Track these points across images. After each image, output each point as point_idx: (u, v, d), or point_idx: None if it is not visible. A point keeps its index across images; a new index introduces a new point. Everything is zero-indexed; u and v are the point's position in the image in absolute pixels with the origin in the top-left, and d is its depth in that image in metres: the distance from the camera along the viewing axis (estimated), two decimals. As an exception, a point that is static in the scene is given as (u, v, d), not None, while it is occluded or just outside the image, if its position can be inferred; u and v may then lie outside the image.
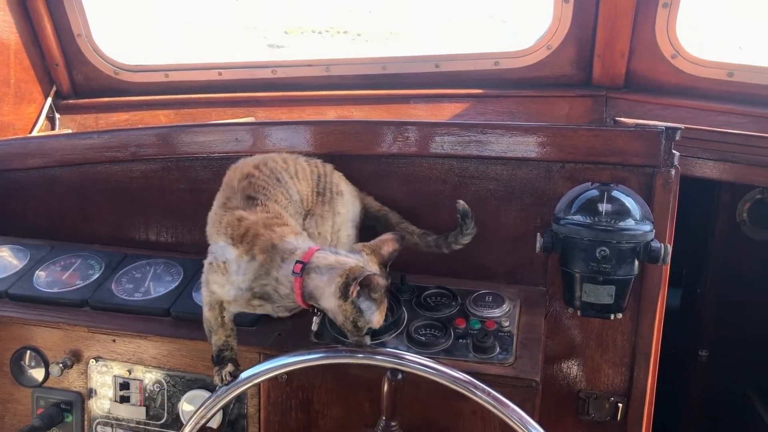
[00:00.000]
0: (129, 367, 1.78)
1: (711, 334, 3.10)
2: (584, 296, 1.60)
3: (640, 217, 1.58)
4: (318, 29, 5.45)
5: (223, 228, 1.53)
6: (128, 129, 2.21)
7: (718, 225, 2.93)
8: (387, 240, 1.52)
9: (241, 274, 1.48)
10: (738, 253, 2.93)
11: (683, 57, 2.35)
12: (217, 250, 1.53)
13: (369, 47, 5.43)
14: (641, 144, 1.73)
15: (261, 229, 1.49)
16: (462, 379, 1.45)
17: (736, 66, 2.35)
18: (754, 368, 2.99)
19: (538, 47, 2.45)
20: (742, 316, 2.92)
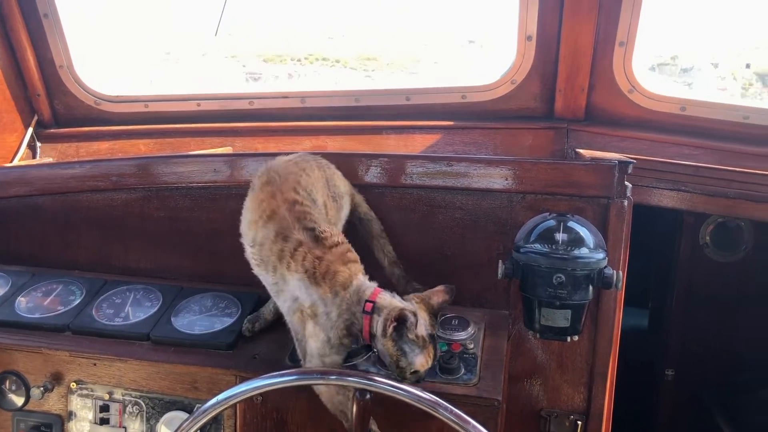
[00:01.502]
0: (109, 390, 1.84)
1: (676, 354, 3.22)
2: (542, 320, 1.70)
3: (593, 245, 1.69)
4: (297, 57, 5.57)
5: (301, 265, 1.56)
6: (109, 159, 2.29)
7: (682, 247, 3.07)
8: (438, 291, 1.59)
9: (330, 310, 1.55)
10: (701, 274, 3.07)
11: (639, 92, 2.50)
12: (300, 295, 1.58)
13: (347, 73, 5.55)
14: (596, 177, 1.85)
15: (340, 267, 1.56)
16: (427, 398, 1.53)
17: (688, 101, 2.50)
18: (718, 386, 3.11)
19: (503, 82, 2.58)
20: (706, 336, 3.04)
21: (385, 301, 1.53)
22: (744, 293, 2.96)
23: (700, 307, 3.07)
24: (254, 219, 1.66)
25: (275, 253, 1.60)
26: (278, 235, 1.61)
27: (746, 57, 6.08)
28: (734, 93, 5.55)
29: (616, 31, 2.38)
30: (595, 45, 2.43)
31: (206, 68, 5.01)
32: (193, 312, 1.94)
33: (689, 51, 4.73)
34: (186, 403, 1.80)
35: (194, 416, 1.59)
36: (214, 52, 5.19)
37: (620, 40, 2.39)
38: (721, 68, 6.01)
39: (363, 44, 5.55)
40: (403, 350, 1.50)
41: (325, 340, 1.57)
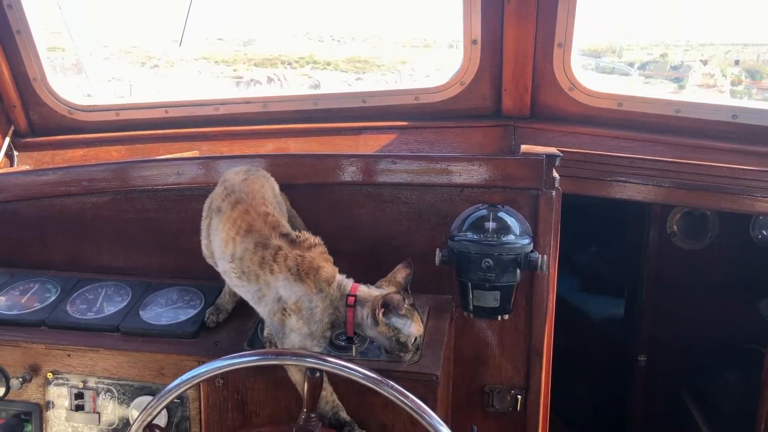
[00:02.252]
0: (83, 379, 1.98)
1: (647, 340, 3.38)
2: (475, 301, 1.87)
3: (519, 232, 1.86)
4: (288, 60, 5.73)
5: (284, 266, 1.67)
6: (80, 165, 2.42)
7: (651, 236, 3.24)
8: (399, 269, 1.76)
9: (316, 305, 1.67)
10: (670, 262, 3.23)
11: (579, 89, 2.66)
12: (285, 293, 1.68)
13: (339, 76, 5.71)
14: (526, 170, 2.02)
15: (322, 263, 1.70)
16: (371, 375, 1.69)
17: (625, 97, 2.67)
18: (687, 370, 3.28)
19: (452, 83, 2.74)
20: (675, 322, 3.21)
21: (364, 293, 1.68)
22: (710, 279, 3.12)
23: (669, 294, 3.23)
24: (230, 236, 1.76)
25: (256, 262, 1.71)
26: (257, 245, 1.71)
27: (734, 54, 6.31)
28: (724, 89, 5.81)
29: (554, 33, 2.54)
30: (535, 47, 2.59)
31: (194, 74, 5.16)
32: (160, 305, 2.10)
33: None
34: (154, 388, 1.95)
35: (159, 396, 1.74)
36: (201, 57, 5.34)
37: (558, 41, 2.56)
38: (711, 65, 6.23)
39: (354, 47, 5.73)
40: (397, 328, 1.66)
41: (307, 333, 1.70)
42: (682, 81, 6.33)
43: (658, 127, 2.65)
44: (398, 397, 1.66)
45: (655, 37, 5.45)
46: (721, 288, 2.99)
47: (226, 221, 1.77)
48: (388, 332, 1.66)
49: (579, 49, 2.64)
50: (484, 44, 2.61)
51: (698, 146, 2.57)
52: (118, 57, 5.00)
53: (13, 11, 2.68)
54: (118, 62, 4.92)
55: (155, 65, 5.39)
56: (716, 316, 2.95)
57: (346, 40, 5.94)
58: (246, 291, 1.79)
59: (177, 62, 5.55)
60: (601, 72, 5.10)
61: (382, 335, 1.67)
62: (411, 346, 1.70)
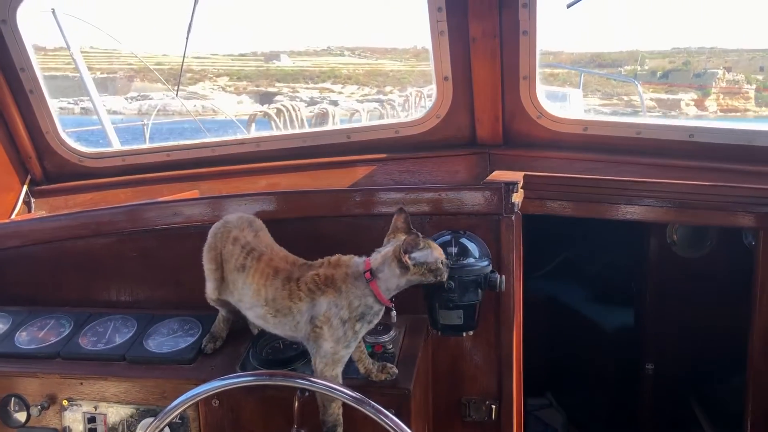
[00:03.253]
0: (95, 404, 2.19)
1: (654, 348, 3.52)
2: (441, 320, 2.05)
3: (479, 255, 2.05)
4: (310, 74, 5.99)
5: (306, 290, 1.88)
6: (89, 210, 2.66)
7: (651, 246, 3.39)
8: (396, 218, 1.94)
9: (342, 308, 1.86)
10: (671, 271, 3.38)
11: (546, 117, 2.85)
12: (314, 312, 1.88)
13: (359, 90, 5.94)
14: (487, 198, 2.22)
15: (333, 271, 1.89)
16: (351, 394, 1.86)
17: (589, 122, 2.86)
18: (694, 377, 3.40)
19: (429, 117, 2.95)
20: (680, 330, 3.34)
21: (377, 260, 1.86)
22: (711, 286, 3.25)
23: (672, 302, 3.37)
24: (261, 284, 1.94)
25: (286, 297, 1.92)
26: (284, 282, 1.92)
27: (759, 60, 6.41)
28: (750, 96, 5.89)
29: (519, 67, 2.74)
30: (502, 80, 2.78)
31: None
32: (162, 334, 2.31)
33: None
34: (158, 410, 2.13)
35: (161, 416, 1.94)
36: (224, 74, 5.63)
37: (523, 74, 2.75)
38: (734, 72, 6.34)
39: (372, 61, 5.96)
40: (424, 262, 1.82)
41: (336, 339, 1.88)
42: (706, 88, 6.39)
43: (621, 149, 2.82)
44: (373, 412, 1.85)
45: (678, 44, 5.58)
46: (722, 295, 3.09)
47: (255, 273, 1.97)
48: (419, 271, 1.82)
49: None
50: (455, 80, 2.81)
51: (659, 164, 2.74)
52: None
53: (26, 73, 2.95)
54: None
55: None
56: (719, 323, 3.04)
57: (366, 53, 6.20)
58: (284, 327, 1.98)
59: (201, 79, 5.84)
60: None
61: (416, 276, 1.84)
62: (443, 268, 1.86)
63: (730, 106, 63.60)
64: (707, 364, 3.33)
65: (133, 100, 33.27)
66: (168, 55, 17.28)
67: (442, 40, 2.72)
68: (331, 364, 1.90)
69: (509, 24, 2.64)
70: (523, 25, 2.62)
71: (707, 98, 63.55)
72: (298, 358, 2.13)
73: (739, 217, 2.52)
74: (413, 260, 1.82)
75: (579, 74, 10.13)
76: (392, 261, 1.83)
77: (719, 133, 2.71)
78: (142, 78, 39.70)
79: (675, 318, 3.36)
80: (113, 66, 35.96)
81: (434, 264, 1.84)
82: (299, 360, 2.13)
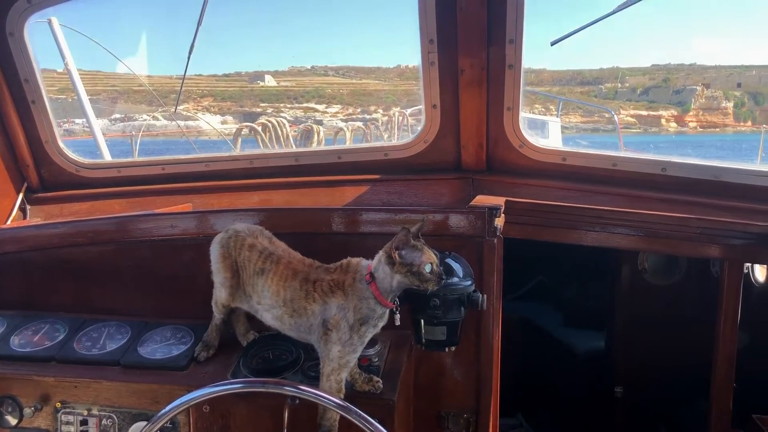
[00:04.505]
0: (88, 407, 2.26)
1: (624, 373, 3.65)
2: (426, 335, 2.17)
3: (463, 275, 2.17)
4: (294, 93, 6.12)
5: (321, 292, 2.00)
6: (85, 219, 2.74)
7: (623, 274, 3.54)
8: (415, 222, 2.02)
9: (348, 310, 1.96)
10: (642, 297, 3.52)
11: (528, 146, 3.00)
12: (327, 314, 1.98)
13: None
14: (471, 221, 2.35)
15: (343, 276, 2.00)
16: (339, 402, 1.97)
17: (568, 152, 3.01)
18: (661, 401, 3.52)
19: (417, 141, 3.08)
20: (650, 355, 3.47)
21: (375, 262, 1.97)
22: (679, 313, 3.40)
23: (642, 327, 3.51)
24: (280, 286, 2.06)
25: (303, 297, 2.04)
26: (302, 283, 2.04)
27: (736, 77, 6.64)
28: (728, 111, 6.14)
29: (503, 99, 2.89)
30: (487, 110, 2.93)
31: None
32: (155, 341, 2.40)
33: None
34: (150, 414, 2.21)
35: (153, 420, 2.03)
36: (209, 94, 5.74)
37: (507, 106, 2.90)
38: (713, 88, 6.58)
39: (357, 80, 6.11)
40: (410, 262, 1.89)
41: (342, 343, 1.98)
42: (685, 104, 6.64)
43: (597, 179, 2.98)
44: (358, 419, 1.96)
45: (658, 61, 5.82)
46: (690, 322, 3.23)
47: (274, 276, 2.08)
48: (404, 269, 1.90)
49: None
50: (443, 108, 2.96)
51: (632, 195, 2.90)
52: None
53: (29, 84, 3.04)
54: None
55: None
56: (687, 349, 3.16)
57: (351, 73, 6.36)
58: (299, 328, 2.08)
59: (185, 100, 5.96)
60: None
61: (401, 275, 1.90)
62: (429, 275, 1.89)
63: (709, 121, 64.95)
64: (674, 388, 3.45)
65: (117, 122, 33.14)
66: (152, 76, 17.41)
67: (432, 70, 2.86)
68: (338, 369, 2.00)
69: (496, 58, 2.79)
70: (509, 59, 2.78)
71: (687, 114, 64.84)
72: (287, 367, 2.24)
73: (706, 248, 2.69)
74: (401, 258, 1.90)
75: (557, 102, 10.38)
76: (383, 257, 1.94)
77: (689, 168, 2.88)
78: (126, 99, 39.58)
79: (644, 343, 3.49)
80: (96, 87, 35.85)
81: (419, 267, 1.89)
82: (289, 369, 2.23)
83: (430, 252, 1.94)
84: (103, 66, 7.53)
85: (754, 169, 2.86)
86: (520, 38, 2.75)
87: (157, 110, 5.57)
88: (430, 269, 1.90)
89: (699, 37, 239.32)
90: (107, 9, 11.15)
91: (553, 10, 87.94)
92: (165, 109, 4.93)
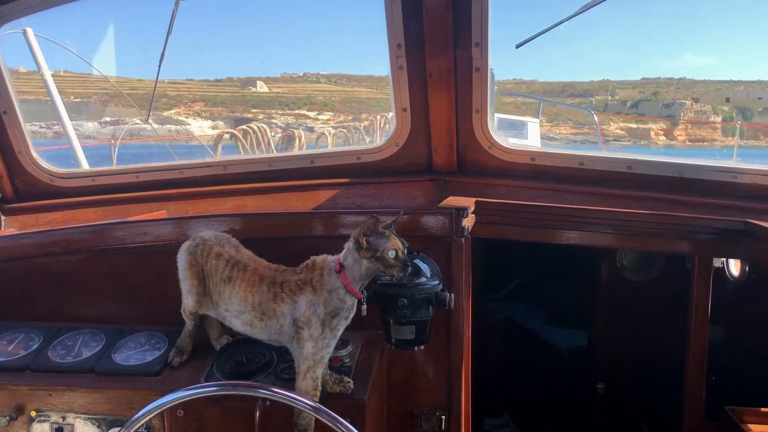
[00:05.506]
0: (63, 415, 2.28)
1: (605, 369, 3.71)
2: (395, 335, 2.21)
3: (431, 275, 2.21)
4: (285, 100, 6.15)
5: (289, 292, 2.04)
6: (59, 229, 2.75)
7: (602, 271, 3.59)
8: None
9: (318, 305, 2.01)
10: (621, 294, 3.58)
11: (497, 147, 3.05)
12: (296, 313, 2.03)
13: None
14: (439, 222, 2.39)
15: (310, 275, 2.06)
16: (310, 403, 1.99)
17: (536, 153, 3.07)
18: (643, 396, 3.58)
19: (389, 145, 3.12)
20: (630, 351, 3.52)
21: (343, 252, 2.04)
22: (658, 308, 3.46)
23: (623, 324, 3.57)
24: (248, 291, 2.11)
25: (271, 299, 2.08)
26: (269, 286, 2.08)
27: (725, 92, 6.75)
28: (717, 126, 6.26)
29: (471, 101, 2.94)
30: (456, 113, 2.98)
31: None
32: (129, 348, 2.42)
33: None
34: (125, 420, 2.21)
35: (127, 425, 2.05)
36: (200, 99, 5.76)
37: (476, 108, 2.95)
38: (702, 103, 6.70)
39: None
40: (376, 248, 1.96)
41: (314, 339, 2.02)
42: (674, 118, 6.76)
43: (565, 178, 3.03)
44: (328, 418, 1.98)
45: (648, 74, 5.91)
46: (668, 317, 3.23)
47: (241, 282, 2.12)
48: (369, 254, 1.97)
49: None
50: (413, 111, 3.00)
51: (600, 193, 2.96)
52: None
53: (0, 96, 3.05)
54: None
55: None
56: (665, 343, 3.19)
57: (342, 81, 6.41)
58: (270, 330, 2.12)
59: (176, 104, 5.97)
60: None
61: (368, 261, 1.98)
62: (393, 261, 1.97)
63: (698, 135, 65.69)
64: (655, 383, 3.52)
65: (106, 125, 32.88)
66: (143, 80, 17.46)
67: (401, 74, 2.91)
68: (313, 366, 2.04)
69: (463, 61, 2.84)
70: (475, 62, 2.83)
71: (676, 128, 65.58)
72: (260, 370, 2.27)
73: (675, 244, 2.74)
74: (368, 244, 1.97)
75: (538, 103, 10.48)
76: (352, 243, 2.01)
77: (654, 166, 2.94)
78: (116, 103, 39.36)
79: (625, 340, 3.56)
80: (88, 90, 35.63)
81: (382, 252, 1.96)
82: (262, 372, 2.26)
83: (397, 239, 2.01)
84: (93, 69, 7.61)
85: (717, 165, 2.93)
86: (485, 41, 2.80)
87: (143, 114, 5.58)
88: (394, 255, 1.98)
89: (689, 51, 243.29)
90: (98, 12, 11.02)
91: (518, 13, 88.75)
92: (148, 115, 4.96)
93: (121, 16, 74.08)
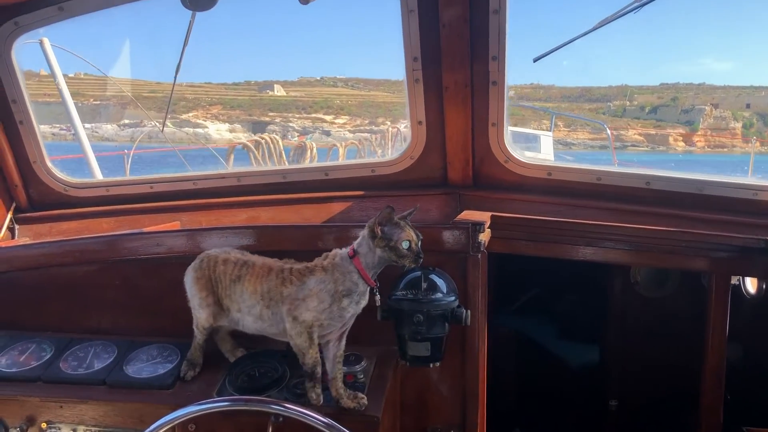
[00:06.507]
0: (73, 427, 2.27)
1: (618, 385, 3.66)
2: (410, 351, 2.18)
3: (446, 291, 2.19)
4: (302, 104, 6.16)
5: (298, 274, 2.10)
6: (73, 239, 2.75)
7: (616, 287, 3.55)
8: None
9: (329, 282, 2.05)
10: (635, 310, 3.53)
11: (513, 162, 3.02)
12: (303, 293, 2.07)
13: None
14: (455, 237, 2.36)
15: (323, 261, 2.11)
16: (323, 420, 1.97)
17: (553, 167, 3.03)
18: (656, 414, 3.52)
19: (404, 158, 3.10)
20: (643, 367, 3.47)
21: (358, 240, 2.08)
22: (672, 325, 3.40)
23: (636, 340, 3.52)
24: (256, 284, 2.15)
25: (279, 284, 2.12)
26: (278, 274, 2.13)
27: (746, 98, 6.65)
28: (737, 132, 6.18)
29: (488, 115, 2.91)
30: (472, 126, 2.95)
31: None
32: (141, 360, 2.40)
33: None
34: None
35: (139, 439, 2.04)
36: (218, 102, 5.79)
37: (492, 121, 2.93)
38: (721, 108, 6.63)
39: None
40: (390, 237, 2.01)
41: (322, 309, 2.04)
42: (693, 124, 6.69)
43: (582, 193, 3.00)
44: None
45: (666, 79, 5.84)
46: (683, 334, 3.19)
47: (251, 278, 2.17)
48: (383, 243, 2.01)
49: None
50: (429, 125, 2.98)
51: (617, 209, 2.92)
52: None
53: (17, 105, 3.06)
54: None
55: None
56: (680, 361, 3.15)
57: (359, 85, 6.42)
58: (276, 319, 2.14)
59: (194, 108, 6.00)
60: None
61: (381, 249, 2.02)
62: (406, 251, 2.02)
63: (718, 142, 65.31)
64: (669, 401, 3.46)
65: (125, 127, 33.07)
66: (162, 83, 17.61)
67: (417, 87, 2.89)
68: (309, 328, 2.06)
69: (480, 75, 2.82)
70: (492, 76, 2.81)
71: (695, 134, 65.25)
72: (272, 385, 2.24)
73: (692, 261, 2.70)
74: (382, 233, 2.01)
75: (551, 116, 10.45)
76: (367, 231, 2.04)
77: (673, 182, 2.90)
78: (135, 106, 39.76)
79: (638, 356, 3.50)
80: (107, 93, 36.06)
81: (396, 243, 2.00)
82: (274, 387, 2.24)
83: (411, 231, 2.05)
84: (108, 75, 7.73)
85: (737, 182, 2.88)
86: (503, 55, 2.78)
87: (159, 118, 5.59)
88: (407, 246, 2.02)
89: (709, 57, 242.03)
90: (116, 20, 11.13)
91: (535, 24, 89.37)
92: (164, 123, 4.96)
93: (140, 21, 74.67)
